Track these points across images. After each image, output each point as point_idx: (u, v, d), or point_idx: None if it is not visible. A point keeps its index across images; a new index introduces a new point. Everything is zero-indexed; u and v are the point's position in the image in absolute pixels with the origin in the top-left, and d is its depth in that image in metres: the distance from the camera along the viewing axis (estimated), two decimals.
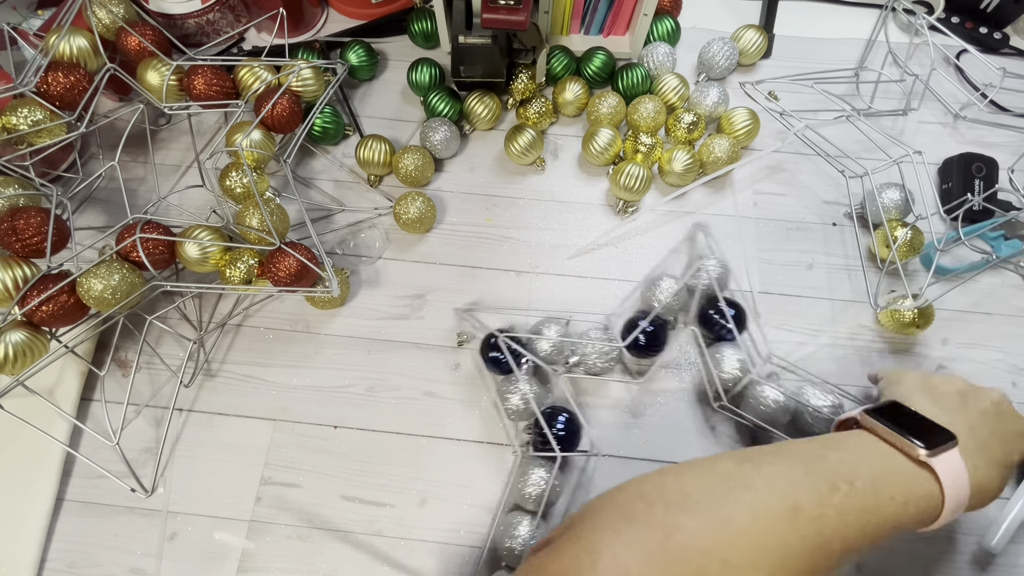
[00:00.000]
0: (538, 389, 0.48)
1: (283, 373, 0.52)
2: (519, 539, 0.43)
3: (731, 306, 0.50)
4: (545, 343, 0.49)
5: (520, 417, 0.48)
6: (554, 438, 0.46)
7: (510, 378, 0.48)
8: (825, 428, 0.47)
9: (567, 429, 0.47)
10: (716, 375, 0.48)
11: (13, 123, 0.48)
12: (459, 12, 0.50)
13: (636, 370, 0.52)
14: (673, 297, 0.50)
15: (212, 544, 0.46)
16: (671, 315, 0.52)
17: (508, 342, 0.48)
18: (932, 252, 0.53)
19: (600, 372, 0.50)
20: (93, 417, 0.50)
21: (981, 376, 0.51)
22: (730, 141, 0.56)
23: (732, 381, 0.48)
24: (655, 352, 0.50)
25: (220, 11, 0.61)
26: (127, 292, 0.44)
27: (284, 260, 0.46)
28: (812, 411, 0.46)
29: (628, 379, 0.51)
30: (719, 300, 0.50)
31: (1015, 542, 0.46)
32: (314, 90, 0.55)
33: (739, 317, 0.50)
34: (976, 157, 0.58)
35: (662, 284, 0.51)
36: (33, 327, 0.44)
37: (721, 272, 0.53)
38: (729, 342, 0.50)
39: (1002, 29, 0.66)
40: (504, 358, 0.48)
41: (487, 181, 0.59)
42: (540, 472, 0.45)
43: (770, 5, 0.67)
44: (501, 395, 0.48)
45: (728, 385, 0.48)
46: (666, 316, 0.51)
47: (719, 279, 0.52)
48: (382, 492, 0.48)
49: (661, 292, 0.51)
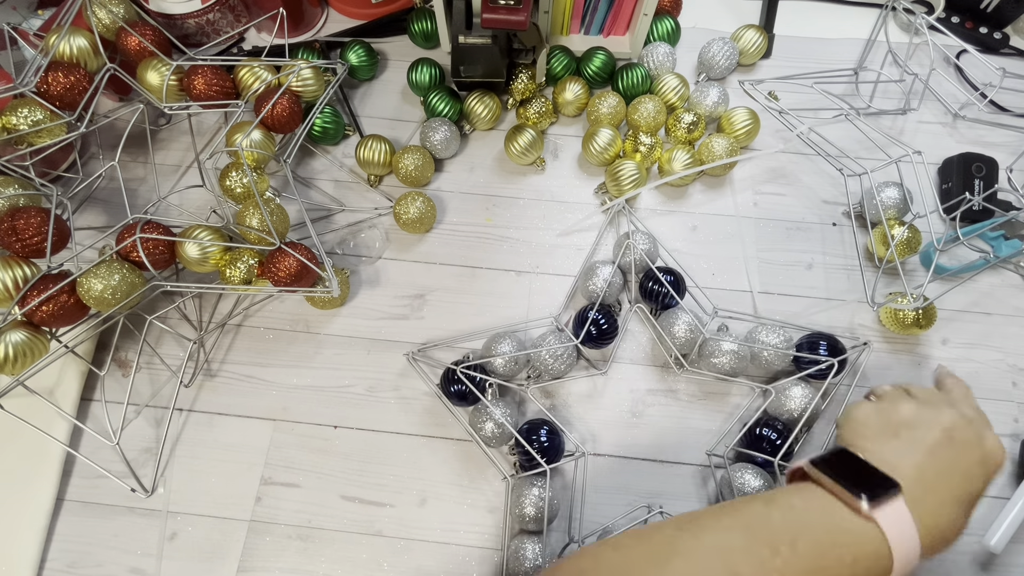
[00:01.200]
0: (509, 409, 0.48)
1: (283, 373, 0.52)
2: (527, 562, 0.43)
3: (667, 273, 0.51)
4: (500, 360, 0.49)
5: (499, 442, 0.48)
6: (539, 452, 0.46)
7: (479, 407, 0.48)
8: (784, 365, 0.50)
9: (549, 440, 0.47)
10: (670, 343, 0.49)
11: (13, 123, 0.48)
12: (459, 12, 0.50)
13: (597, 361, 0.52)
14: (609, 281, 0.51)
15: (212, 544, 0.46)
16: (614, 299, 0.53)
17: (468, 372, 0.48)
18: (932, 251, 0.53)
19: (563, 373, 0.50)
20: (93, 417, 0.50)
21: (981, 376, 0.52)
22: (730, 141, 0.56)
23: (688, 343, 0.49)
24: (609, 339, 0.51)
25: (220, 11, 0.61)
26: (127, 292, 0.44)
27: (284, 260, 0.46)
28: (768, 349, 0.49)
29: (594, 372, 0.52)
30: (653, 270, 0.51)
31: (1015, 542, 0.46)
32: (314, 90, 0.56)
33: (676, 283, 0.51)
34: (976, 157, 0.58)
35: (598, 272, 0.52)
36: (33, 327, 0.44)
37: (649, 245, 0.53)
38: (675, 307, 0.51)
39: (1002, 29, 0.66)
40: (467, 389, 0.47)
41: (487, 181, 0.59)
42: (534, 491, 0.45)
43: (770, 5, 0.67)
44: (474, 426, 0.48)
45: (685, 350, 0.50)
46: (609, 301, 0.52)
47: (648, 252, 0.52)
48: (382, 492, 0.48)
49: (598, 279, 0.51)
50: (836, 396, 0.50)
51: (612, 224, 0.57)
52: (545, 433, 0.47)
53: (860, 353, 0.52)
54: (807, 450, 0.49)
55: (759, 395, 0.50)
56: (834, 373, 0.48)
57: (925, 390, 0.41)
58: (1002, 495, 0.48)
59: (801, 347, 0.50)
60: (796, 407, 0.48)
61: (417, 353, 0.52)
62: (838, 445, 0.37)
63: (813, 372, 0.49)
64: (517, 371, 0.50)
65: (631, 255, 0.52)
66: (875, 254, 0.54)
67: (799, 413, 0.47)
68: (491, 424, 0.47)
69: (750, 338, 0.50)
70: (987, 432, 0.37)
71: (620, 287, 0.53)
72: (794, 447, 0.48)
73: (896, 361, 0.52)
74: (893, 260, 0.51)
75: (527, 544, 0.44)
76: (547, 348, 0.49)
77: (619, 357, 0.52)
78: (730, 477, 0.46)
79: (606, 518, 0.47)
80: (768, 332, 0.50)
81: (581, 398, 0.51)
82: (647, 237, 0.53)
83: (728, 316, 0.53)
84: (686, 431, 0.50)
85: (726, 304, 0.54)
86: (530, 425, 0.47)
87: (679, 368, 0.50)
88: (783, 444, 0.46)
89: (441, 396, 0.49)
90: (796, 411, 0.48)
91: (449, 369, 0.49)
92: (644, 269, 0.52)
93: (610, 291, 0.51)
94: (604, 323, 0.50)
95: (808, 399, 0.48)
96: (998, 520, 0.46)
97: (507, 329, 0.52)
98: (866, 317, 0.54)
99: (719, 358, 0.48)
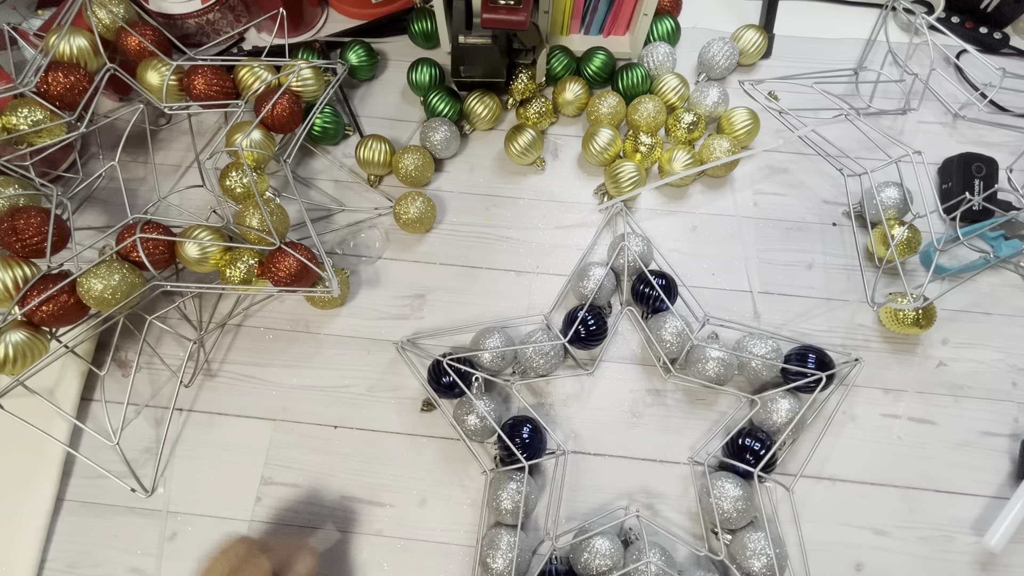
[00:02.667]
0: (495, 404, 0.48)
1: (283, 373, 0.52)
2: (500, 555, 0.43)
3: (659, 276, 0.51)
4: (487, 355, 0.49)
5: (481, 436, 0.48)
6: (520, 447, 0.46)
7: (463, 400, 0.48)
8: (772, 375, 0.49)
9: (532, 437, 0.47)
10: (658, 347, 0.49)
11: (13, 123, 0.48)
12: (459, 12, 0.50)
13: (585, 361, 0.52)
14: (601, 283, 0.51)
15: (212, 544, 0.46)
16: (605, 301, 0.53)
17: (455, 365, 0.48)
18: (932, 251, 0.53)
19: (549, 372, 0.50)
20: (93, 417, 0.50)
21: (981, 376, 0.52)
22: (730, 141, 0.56)
23: (676, 348, 0.49)
24: (597, 340, 0.51)
25: (220, 11, 0.61)
26: (127, 292, 0.44)
27: (284, 260, 0.46)
28: (757, 360, 0.48)
29: (580, 372, 0.52)
30: (645, 273, 0.51)
31: (1015, 542, 0.46)
32: (314, 90, 0.56)
33: (668, 287, 0.51)
34: (976, 157, 0.58)
35: (590, 273, 0.51)
36: (33, 327, 0.44)
37: (644, 248, 0.53)
38: (665, 312, 0.51)
39: (1002, 29, 0.66)
40: (453, 381, 0.48)
41: (487, 181, 0.59)
42: (512, 485, 0.45)
43: (770, 5, 0.67)
44: (458, 419, 0.48)
45: (673, 354, 0.49)
46: (600, 303, 0.52)
47: (642, 255, 0.52)
48: (382, 492, 0.48)
49: (590, 281, 0.51)
50: (823, 410, 0.50)
51: (609, 225, 0.57)
52: (528, 430, 0.47)
53: (852, 369, 0.51)
54: (790, 462, 0.49)
55: (745, 404, 0.50)
56: (821, 387, 0.48)
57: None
58: (1002, 495, 0.48)
59: (790, 359, 0.49)
60: (781, 419, 0.47)
61: (407, 343, 0.52)
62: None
63: (800, 385, 0.48)
64: (504, 367, 0.50)
65: (624, 257, 0.52)
66: (875, 254, 0.54)
67: (784, 425, 0.47)
68: (474, 417, 0.47)
69: (739, 346, 0.50)
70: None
71: (612, 289, 0.53)
72: (776, 458, 0.47)
73: (896, 361, 0.52)
74: (893, 260, 0.51)
75: (503, 536, 0.44)
76: (534, 345, 0.49)
77: (608, 357, 0.52)
78: (709, 485, 0.45)
79: (584, 517, 0.47)
80: (758, 342, 0.49)
81: (568, 397, 0.51)
82: (642, 239, 0.53)
83: (719, 324, 0.52)
84: (671, 434, 0.50)
85: (726, 304, 0.54)
86: (515, 421, 0.47)
87: (666, 373, 0.50)
88: (766, 455, 0.46)
89: (428, 388, 0.49)
90: (781, 423, 0.47)
91: (436, 361, 0.49)
92: (637, 272, 0.52)
93: (602, 293, 0.51)
94: (593, 324, 0.50)
95: (795, 412, 0.47)
96: (998, 520, 0.46)
97: (496, 324, 0.52)
98: (866, 317, 0.54)
99: (706, 364, 0.48)
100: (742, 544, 0.44)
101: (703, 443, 0.50)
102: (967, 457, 0.49)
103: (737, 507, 0.44)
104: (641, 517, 0.47)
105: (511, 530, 0.44)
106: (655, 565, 0.42)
